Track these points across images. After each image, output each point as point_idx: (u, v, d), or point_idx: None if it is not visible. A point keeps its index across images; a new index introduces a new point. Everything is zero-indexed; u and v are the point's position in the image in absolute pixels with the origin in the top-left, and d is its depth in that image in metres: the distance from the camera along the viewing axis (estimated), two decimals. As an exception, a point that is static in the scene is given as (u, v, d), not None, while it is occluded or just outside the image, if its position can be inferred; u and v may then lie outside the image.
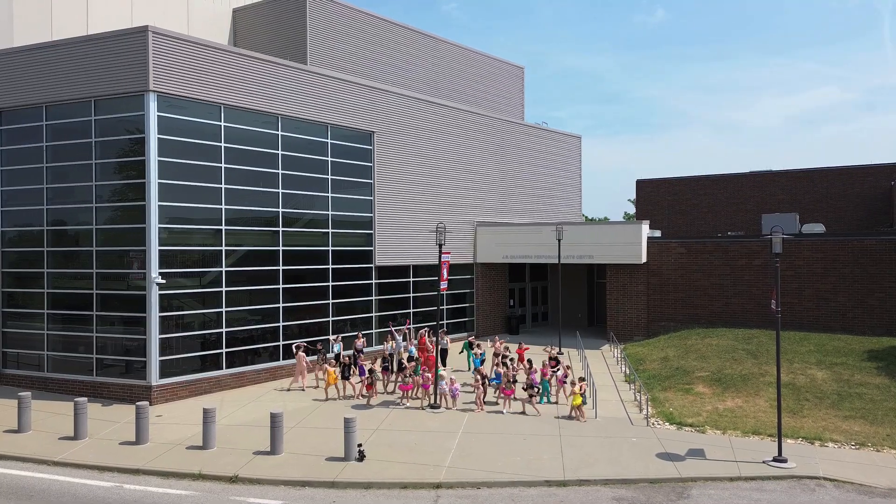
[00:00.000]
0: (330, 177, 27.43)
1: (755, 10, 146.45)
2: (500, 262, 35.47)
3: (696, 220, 50.53)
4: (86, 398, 18.95)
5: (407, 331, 26.15)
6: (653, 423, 20.06)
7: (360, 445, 16.51)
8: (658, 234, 35.20)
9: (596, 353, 30.58)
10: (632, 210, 79.65)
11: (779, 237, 16.91)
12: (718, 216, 50.04)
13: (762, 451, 17.72)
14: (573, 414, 20.57)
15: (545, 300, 40.44)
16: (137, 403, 17.92)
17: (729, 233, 44.80)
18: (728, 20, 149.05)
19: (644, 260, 31.79)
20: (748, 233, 42.24)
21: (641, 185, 52.96)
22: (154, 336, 21.63)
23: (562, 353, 28.81)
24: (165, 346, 21.99)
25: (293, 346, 24.23)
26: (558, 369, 22.84)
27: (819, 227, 36.53)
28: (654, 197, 52.19)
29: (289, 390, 23.56)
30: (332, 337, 26.35)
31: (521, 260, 34.33)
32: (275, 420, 16.98)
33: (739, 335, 28.27)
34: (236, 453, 16.98)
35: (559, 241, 30.23)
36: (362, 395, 22.47)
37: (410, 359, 24.67)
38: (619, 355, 29.75)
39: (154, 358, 21.63)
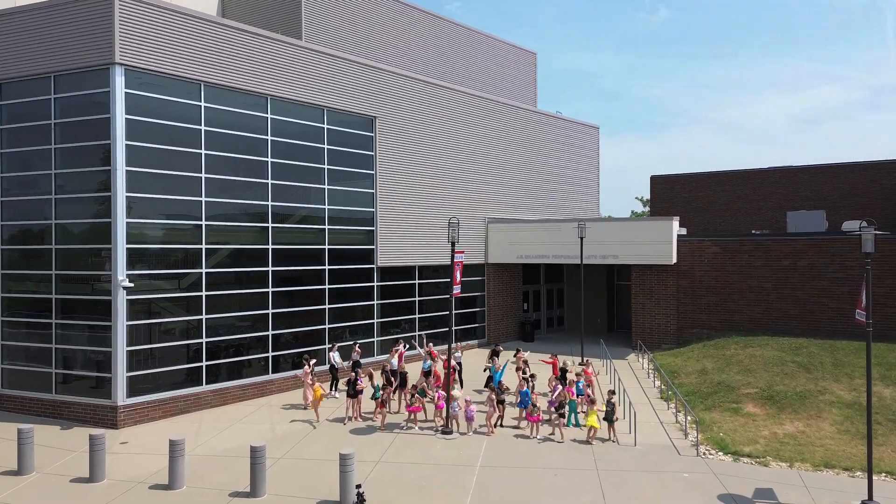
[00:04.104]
0: (326, 166, 24.43)
1: (757, 9, 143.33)
2: (514, 263, 32.45)
3: (713, 218, 47.57)
4: (32, 426, 15.96)
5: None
6: (703, 453, 17.06)
7: (358, 487, 13.52)
8: (684, 231, 32.23)
9: (621, 363, 27.55)
10: (639, 208, 76.92)
11: (870, 234, 13.91)
12: (737, 214, 47.08)
13: (843, 490, 14.75)
14: (589, 439, 17.63)
15: (561, 304, 37.39)
16: (91, 433, 14.92)
17: (753, 231, 41.88)
18: (730, 19, 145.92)
19: (674, 260, 28.76)
20: (773, 231, 39.28)
21: (656, 181, 50.00)
22: (121, 348, 18.64)
23: (584, 364, 25.84)
24: (135, 360, 19.02)
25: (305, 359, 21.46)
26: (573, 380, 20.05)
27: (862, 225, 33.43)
28: (668, 194, 49.23)
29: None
30: (327, 347, 23.36)
31: (538, 260, 31.32)
32: (255, 454, 13.98)
33: (785, 345, 25.22)
34: (208, 495, 14.00)
35: (581, 239, 27.21)
36: (361, 417, 19.50)
37: (427, 374, 21.63)
38: (648, 366, 26.74)
39: (121, 373, 18.64)
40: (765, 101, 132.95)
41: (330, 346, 23.12)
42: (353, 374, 20.15)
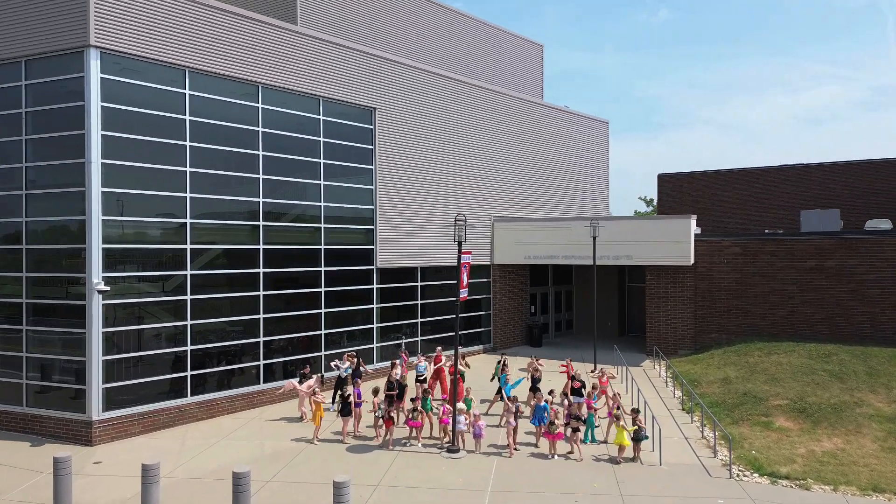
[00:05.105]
0: (322, 161, 22.83)
1: (757, 10, 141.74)
2: (522, 264, 30.84)
3: (722, 218, 46.04)
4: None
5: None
6: (737, 474, 15.44)
7: (355, 519, 11.92)
8: (698, 231, 30.60)
9: (637, 370, 25.90)
10: (642, 208, 75.65)
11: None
12: (747, 213, 45.58)
13: (899, 520, 13.13)
14: (619, 457, 16.08)
15: (570, 306, 35.76)
16: (56, 455, 13.30)
17: (766, 231, 40.35)
18: (730, 20, 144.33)
19: (692, 261, 27.13)
20: (787, 231, 37.71)
21: (663, 179, 48.46)
22: (95, 357, 17.04)
23: (599, 373, 24.30)
24: (112, 370, 17.41)
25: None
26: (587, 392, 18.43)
27: (886, 224, 31.89)
28: (676, 193, 47.71)
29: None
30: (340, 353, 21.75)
31: (546, 261, 29.69)
32: (239, 481, 12.37)
33: (813, 352, 23.59)
34: (186, 527, 12.40)
35: (594, 238, 25.61)
36: (356, 435, 17.83)
37: (419, 379, 20.11)
38: (665, 374, 25.14)
39: (95, 385, 17.04)
40: (765, 101, 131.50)
41: (337, 353, 21.46)
42: (350, 386, 18.60)
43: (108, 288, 16.90)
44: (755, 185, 44.95)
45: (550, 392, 18.34)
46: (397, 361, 20.27)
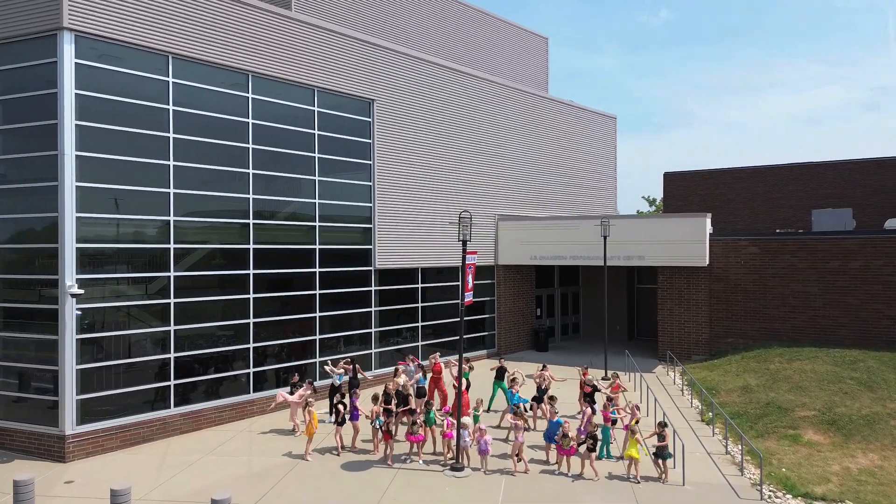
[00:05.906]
0: (317, 155, 21.49)
1: (758, 11, 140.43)
2: (527, 265, 29.50)
3: (730, 217, 44.73)
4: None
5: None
6: (768, 495, 14.09)
7: (348, 552, 10.58)
8: (710, 229, 29.25)
9: (650, 376, 24.54)
10: (645, 208, 74.42)
11: None
12: (757, 212, 44.28)
13: (955, 550, 11.78)
14: (630, 474, 14.80)
15: (576, 309, 34.37)
16: (16, 479, 11.98)
17: (777, 230, 39.06)
18: (730, 20, 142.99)
19: (707, 261, 25.78)
20: (799, 230, 36.40)
21: (669, 178, 47.20)
22: (69, 366, 15.71)
23: (607, 378, 22.99)
24: (88, 380, 16.07)
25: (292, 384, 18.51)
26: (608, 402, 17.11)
27: (905, 223, 30.52)
28: (683, 192, 46.45)
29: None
30: (327, 362, 20.39)
31: (553, 261, 28.35)
32: (218, 509, 11.05)
33: (838, 358, 22.24)
34: (159, 560, 11.06)
35: (605, 237, 24.27)
36: (353, 449, 16.47)
37: (421, 393, 18.78)
38: (680, 381, 23.78)
39: (69, 396, 15.71)
40: (765, 101, 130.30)
41: (331, 360, 20.12)
42: (348, 394, 17.27)
43: (82, 291, 15.54)
44: (763, 183, 43.73)
45: (552, 398, 17.04)
46: (400, 369, 18.92)
